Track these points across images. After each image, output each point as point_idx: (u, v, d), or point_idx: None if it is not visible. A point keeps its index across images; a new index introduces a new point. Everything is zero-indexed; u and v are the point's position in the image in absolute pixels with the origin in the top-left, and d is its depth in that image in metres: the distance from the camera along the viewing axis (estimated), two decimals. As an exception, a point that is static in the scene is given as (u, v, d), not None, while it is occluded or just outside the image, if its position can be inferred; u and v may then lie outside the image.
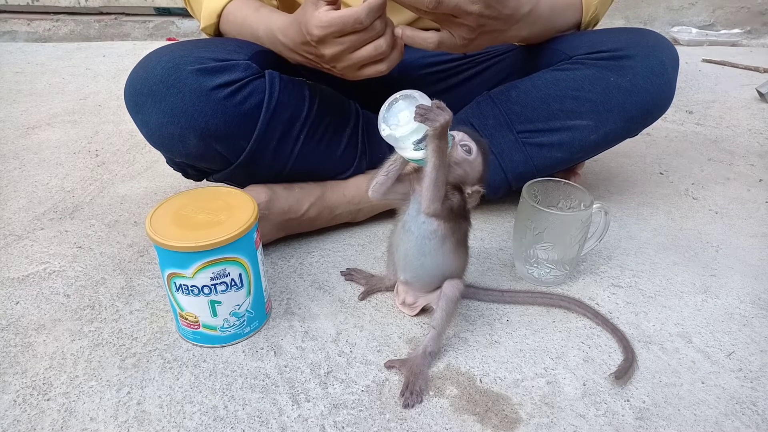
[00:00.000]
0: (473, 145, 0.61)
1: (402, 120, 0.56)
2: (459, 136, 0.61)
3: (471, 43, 0.69)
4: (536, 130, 0.80)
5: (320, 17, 0.63)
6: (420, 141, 0.55)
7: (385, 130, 0.57)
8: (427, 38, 0.68)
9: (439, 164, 0.56)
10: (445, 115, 0.53)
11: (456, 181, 0.61)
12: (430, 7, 0.61)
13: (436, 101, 0.54)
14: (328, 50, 0.66)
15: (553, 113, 0.79)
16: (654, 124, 0.84)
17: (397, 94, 0.57)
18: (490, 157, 0.80)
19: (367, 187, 0.63)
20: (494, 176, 0.82)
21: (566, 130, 0.79)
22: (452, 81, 0.94)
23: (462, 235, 0.64)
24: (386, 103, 0.57)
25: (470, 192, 0.61)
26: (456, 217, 0.61)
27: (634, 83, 0.76)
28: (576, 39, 0.82)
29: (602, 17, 0.87)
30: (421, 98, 0.56)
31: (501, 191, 0.85)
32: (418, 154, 0.57)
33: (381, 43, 0.66)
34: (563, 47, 0.81)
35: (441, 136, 0.54)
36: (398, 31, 0.67)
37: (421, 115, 0.52)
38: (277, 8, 0.82)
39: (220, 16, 0.79)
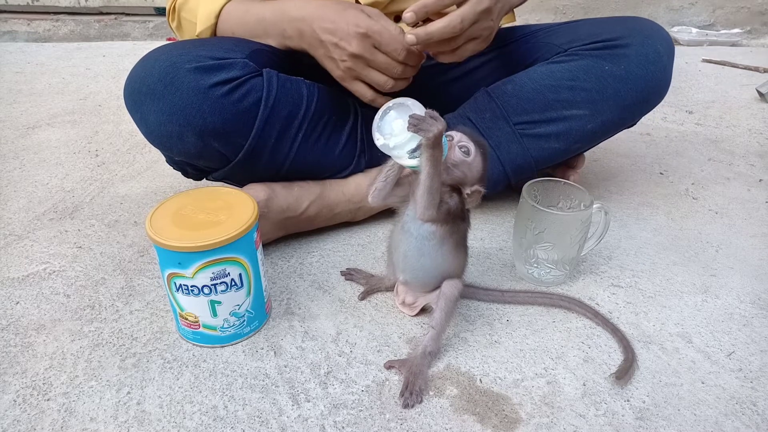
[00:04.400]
0: (471, 146, 0.61)
1: (396, 129, 0.56)
2: (457, 137, 0.61)
3: (492, 31, 0.73)
4: (533, 121, 0.81)
5: (386, 21, 0.69)
6: (414, 150, 0.55)
7: (379, 140, 0.57)
8: (459, 56, 0.73)
9: (433, 173, 0.56)
10: (438, 125, 0.53)
11: (455, 183, 0.61)
12: (460, 27, 0.66)
13: (429, 111, 0.54)
14: (356, 47, 0.69)
15: (549, 104, 0.79)
16: (654, 124, 0.84)
17: (389, 103, 0.58)
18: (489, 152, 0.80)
19: (366, 193, 0.63)
20: (492, 170, 0.83)
21: (563, 120, 0.80)
22: (452, 74, 0.94)
23: (461, 236, 0.64)
24: (380, 112, 0.58)
25: (470, 192, 0.61)
26: (454, 219, 0.61)
27: (629, 71, 0.77)
28: (571, 32, 0.83)
29: None
30: (414, 107, 0.56)
31: (500, 186, 0.85)
32: (413, 162, 0.57)
33: (389, 83, 0.72)
34: (559, 41, 0.82)
35: (435, 146, 0.54)
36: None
37: (415, 125, 0.53)
38: None
39: (217, 17, 0.79)
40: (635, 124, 0.85)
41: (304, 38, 0.74)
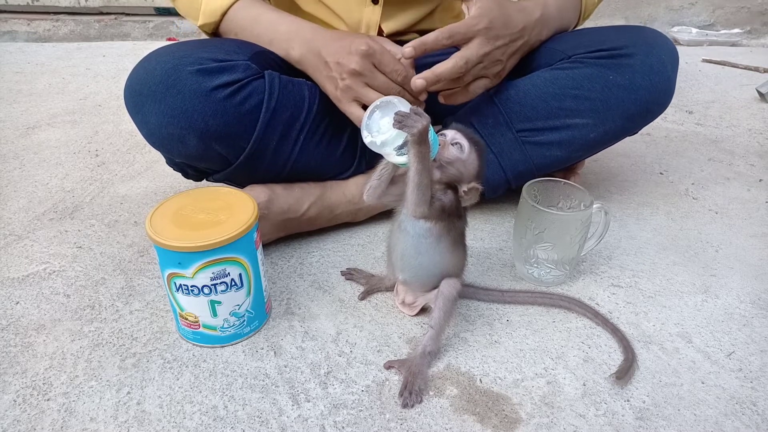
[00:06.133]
0: (465, 143, 0.61)
1: (383, 127, 0.57)
2: (450, 134, 0.61)
3: (504, 69, 0.77)
4: (535, 129, 0.80)
5: (390, 44, 0.72)
6: (401, 147, 0.56)
7: (367, 138, 0.57)
8: (473, 93, 0.77)
9: (421, 168, 0.56)
10: (422, 120, 0.53)
11: (450, 180, 0.61)
12: (465, 68, 0.71)
13: (413, 107, 0.55)
14: (356, 64, 0.69)
15: (553, 112, 0.79)
16: (654, 124, 0.85)
17: (377, 101, 0.59)
18: (488, 155, 0.80)
19: (362, 191, 0.64)
20: (494, 175, 0.83)
21: (566, 128, 0.79)
22: None
23: (458, 233, 0.64)
24: (368, 111, 0.58)
25: (466, 190, 0.60)
26: (449, 216, 0.61)
27: (634, 81, 0.76)
28: (575, 39, 0.82)
29: (591, 14, 0.92)
30: (400, 104, 0.57)
31: (500, 190, 0.85)
32: (402, 159, 0.57)
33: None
34: (562, 47, 0.81)
35: (420, 142, 0.54)
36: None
37: (399, 122, 0.53)
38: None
39: (224, 15, 0.79)
40: (636, 133, 0.85)
41: (308, 59, 0.75)
